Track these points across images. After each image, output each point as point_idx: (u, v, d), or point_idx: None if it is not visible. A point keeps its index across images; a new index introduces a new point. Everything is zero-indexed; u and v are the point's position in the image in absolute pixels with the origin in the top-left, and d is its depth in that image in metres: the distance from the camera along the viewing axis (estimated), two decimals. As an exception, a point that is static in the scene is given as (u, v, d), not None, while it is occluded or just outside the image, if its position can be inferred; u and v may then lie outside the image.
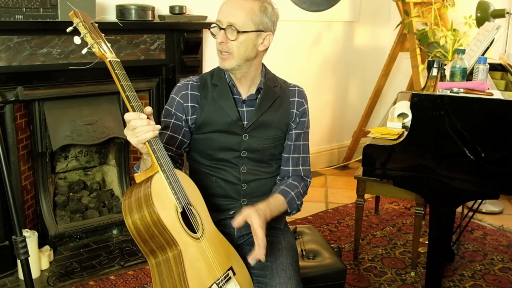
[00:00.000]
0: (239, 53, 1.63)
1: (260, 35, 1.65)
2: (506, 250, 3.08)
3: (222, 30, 1.61)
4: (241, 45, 1.62)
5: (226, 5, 1.63)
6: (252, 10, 1.61)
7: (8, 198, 1.70)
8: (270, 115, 1.73)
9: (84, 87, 2.85)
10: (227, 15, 1.61)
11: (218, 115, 1.70)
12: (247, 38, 1.62)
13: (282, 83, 1.82)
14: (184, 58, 3.10)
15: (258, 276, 1.65)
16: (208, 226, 1.55)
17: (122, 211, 1.46)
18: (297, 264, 1.72)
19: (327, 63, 4.38)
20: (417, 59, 3.98)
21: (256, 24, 1.63)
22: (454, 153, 2.05)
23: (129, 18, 2.86)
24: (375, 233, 3.25)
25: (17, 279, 2.64)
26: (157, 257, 1.45)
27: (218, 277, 1.50)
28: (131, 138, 1.45)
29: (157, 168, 1.46)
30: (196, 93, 1.72)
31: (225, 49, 1.63)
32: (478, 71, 2.26)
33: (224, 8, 1.63)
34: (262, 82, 1.74)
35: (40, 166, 2.84)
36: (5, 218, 2.61)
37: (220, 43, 1.62)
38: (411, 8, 3.96)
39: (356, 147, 4.55)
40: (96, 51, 1.48)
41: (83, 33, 1.47)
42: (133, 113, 1.44)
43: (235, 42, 1.61)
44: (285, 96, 1.78)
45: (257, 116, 1.71)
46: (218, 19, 1.63)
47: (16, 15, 2.50)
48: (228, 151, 1.70)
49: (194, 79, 1.76)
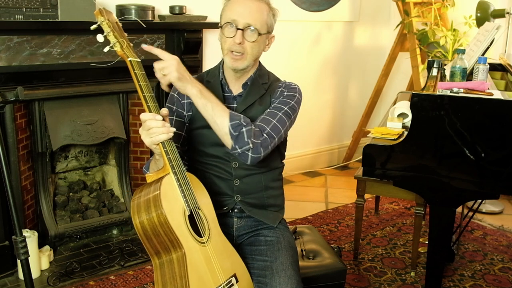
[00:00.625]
0: (252, 54, 1.66)
1: (268, 36, 1.70)
2: (506, 250, 3.08)
3: (240, 31, 1.62)
4: (256, 47, 1.65)
5: (240, 5, 1.63)
6: (267, 12, 1.66)
7: (8, 198, 1.70)
8: (255, 110, 1.73)
9: (84, 87, 2.85)
10: (245, 16, 1.61)
11: None
12: (261, 40, 1.66)
13: (274, 81, 1.81)
14: (184, 58, 3.10)
15: (258, 276, 1.65)
16: (214, 231, 1.56)
17: (129, 210, 1.46)
18: (297, 263, 1.72)
19: (327, 63, 4.38)
20: (417, 59, 3.98)
21: (268, 26, 1.68)
22: (454, 153, 2.05)
23: (129, 18, 2.86)
24: (375, 233, 3.25)
25: (17, 279, 2.64)
26: (161, 257, 1.45)
27: (220, 283, 1.50)
28: (145, 138, 1.47)
29: (168, 170, 1.47)
30: None
31: (239, 50, 1.64)
32: (478, 71, 2.26)
33: (239, 8, 1.63)
34: (251, 77, 1.74)
35: (40, 166, 2.84)
36: (5, 218, 2.61)
37: (238, 43, 1.63)
38: (411, 8, 3.96)
39: (356, 147, 4.56)
40: (118, 50, 1.50)
41: (106, 31, 1.49)
42: (149, 114, 1.46)
43: (252, 43, 1.63)
44: (271, 93, 1.77)
45: (242, 109, 1.72)
46: (233, 19, 1.62)
47: (16, 15, 2.50)
48: (218, 147, 1.70)
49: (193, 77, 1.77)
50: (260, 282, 1.64)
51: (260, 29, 1.63)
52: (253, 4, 1.63)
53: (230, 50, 1.65)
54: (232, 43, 1.63)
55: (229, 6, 1.66)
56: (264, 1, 1.67)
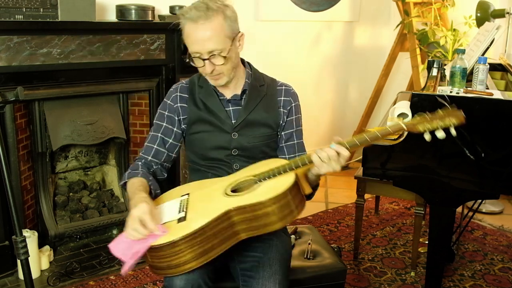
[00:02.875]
0: (228, 69, 1.66)
1: (235, 40, 1.66)
2: (506, 250, 3.08)
3: (206, 60, 1.60)
4: (228, 62, 1.64)
5: (194, 33, 1.58)
6: (221, 26, 1.59)
7: (8, 198, 1.70)
8: (258, 113, 1.75)
9: (84, 87, 2.85)
10: (204, 44, 1.58)
11: (207, 115, 1.74)
12: (231, 53, 1.63)
13: (270, 81, 1.82)
14: (184, 58, 3.09)
15: (245, 270, 1.65)
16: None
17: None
18: (286, 261, 1.72)
19: (327, 63, 4.37)
20: (417, 59, 3.98)
21: (230, 36, 1.62)
22: (454, 153, 2.05)
23: (129, 18, 2.86)
24: (375, 233, 3.25)
25: (17, 279, 2.64)
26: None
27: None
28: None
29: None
30: (185, 95, 1.77)
31: (214, 73, 1.65)
32: (478, 71, 2.26)
33: (195, 37, 1.58)
34: (247, 83, 1.76)
35: (40, 166, 2.83)
36: (5, 218, 2.61)
37: (210, 72, 1.63)
38: (411, 8, 3.96)
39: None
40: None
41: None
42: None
43: (222, 64, 1.62)
44: (273, 95, 1.79)
45: (245, 114, 1.74)
46: (196, 51, 1.60)
47: (16, 15, 2.50)
48: (220, 150, 1.73)
49: (184, 82, 1.81)
50: (245, 276, 1.64)
51: (224, 48, 1.60)
52: (206, 27, 1.56)
53: (206, 74, 1.67)
54: (204, 71, 1.64)
55: (186, 34, 1.61)
56: (215, 14, 1.58)
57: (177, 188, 1.74)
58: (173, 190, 1.73)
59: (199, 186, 1.70)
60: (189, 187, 1.72)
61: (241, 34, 1.68)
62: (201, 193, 1.64)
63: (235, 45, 1.66)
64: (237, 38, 1.66)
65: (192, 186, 1.72)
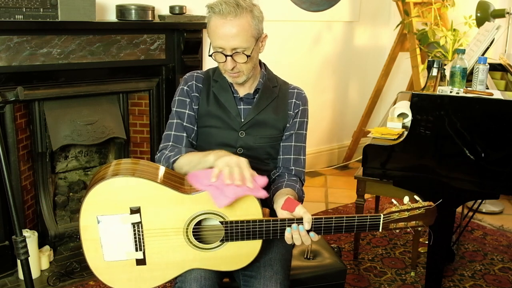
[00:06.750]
0: (248, 69, 1.66)
1: (259, 40, 1.66)
2: (506, 250, 3.08)
3: (229, 57, 1.61)
4: (249, 61, 1.64)
5: (221, 28, 1.58)
6: (249, 26, 1.59)
7: (8, 198, 1.70)
8: (267, 114, 1.75)
9: (84, 87, 2.85)
10: (229, 41, 1.58)
11: (218, 110, 1.73)
12: (254, 53, 1.64)
13: (283, 84, 1.83)
14: (184, 58, 3.10)
15: (245, 270, 1.65)
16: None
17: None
18: (286, 261, 1.72)
19: (327, 63, 4.38)
20: (417, 59, 3.98)
21: (255, 36, 1.63)
22: (454, 153, 2.05)
23: (129, 18, 2.86)
24: (375, 233, 3.25)
25: (17, 279, 2.64)
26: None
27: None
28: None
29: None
30: (200, 85, 1.76)
31: (234, 71, 1.64)
32: (478, 71, 2.26)
33: (221, 32, 1.58)
34: (260, 83, 1.76)
35: (40, 166, 2.84)
36: (5, 218, 2.61)
37: (231, 69, 1.63)
38: (411, 8, 3.96)
39: (356, 147, 4.55)
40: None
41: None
42: None
43: (244, 62, 1.62)
44: (284, 97, 1.79)
45: (254, 114, 1.74)
46: (220, 46, 1.60)
47: (16, 15, 2.50)
48: (225, 147, 1.71)
49: (199, 71, 1.80)
50: (246, 276, 1.64)
51: (248, 47, 1.60)
52: (234, 24, 1.57)
53: (225, 71, 1.67)
54: (225, 66, 1.64)
55: (212, 28, 1.61)
56: (244, 11, 1.58)
57: (119, 180, 1.42)
58: (113, 180, 1.41)
59: (151, 196, 1.43)
60: (139, 190, 1.42)
61: (265, 35, 1.69)
62: (158, 220, 1.43)
63: (258, 46, 1.67)
64: (261, 39, 1.67)
65: (142, 189, 1.43)
